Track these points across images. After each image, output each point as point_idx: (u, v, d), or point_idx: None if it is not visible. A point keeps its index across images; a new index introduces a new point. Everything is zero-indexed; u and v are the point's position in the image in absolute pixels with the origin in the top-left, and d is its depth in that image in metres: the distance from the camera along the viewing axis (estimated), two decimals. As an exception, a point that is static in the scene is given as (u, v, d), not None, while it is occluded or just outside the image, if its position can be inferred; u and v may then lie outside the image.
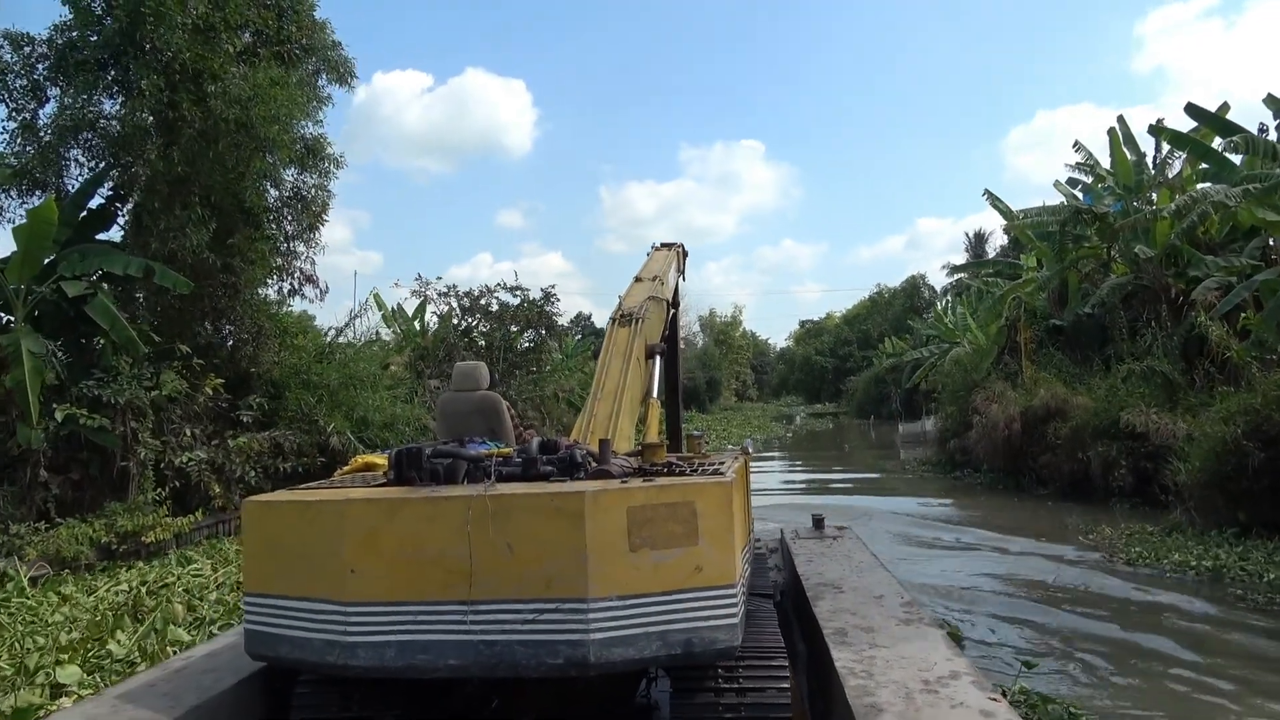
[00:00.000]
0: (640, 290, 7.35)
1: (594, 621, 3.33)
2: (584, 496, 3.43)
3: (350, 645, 3.48)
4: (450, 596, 3.44)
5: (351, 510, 3.59)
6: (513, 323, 22.72)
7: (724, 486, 3.58)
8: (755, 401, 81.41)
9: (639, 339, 6.39)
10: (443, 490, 3.71)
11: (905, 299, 61.56)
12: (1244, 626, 7.22)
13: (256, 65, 12.30)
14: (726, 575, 3.49)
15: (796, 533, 7.56)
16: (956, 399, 19.73)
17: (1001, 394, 16.79)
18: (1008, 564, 9.99)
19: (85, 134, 12.28)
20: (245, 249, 13.01)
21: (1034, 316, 19.31)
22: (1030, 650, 6.71)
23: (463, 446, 4.28)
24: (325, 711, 3.93)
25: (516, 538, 3.43)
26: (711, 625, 3.44)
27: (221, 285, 13.06)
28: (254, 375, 13.68)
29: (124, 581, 9.01)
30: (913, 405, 47.11)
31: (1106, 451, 13.58)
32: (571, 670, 3.36)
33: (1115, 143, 19.19)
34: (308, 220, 13.97)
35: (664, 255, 8.80)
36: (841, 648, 4.14)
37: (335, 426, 14.52)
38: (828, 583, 5.56)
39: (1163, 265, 18.01)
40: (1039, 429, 15.60)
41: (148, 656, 6.23)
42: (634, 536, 3.41)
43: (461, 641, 3.42)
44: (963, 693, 3.51)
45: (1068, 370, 17.08)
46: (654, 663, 3.54)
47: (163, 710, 3.76)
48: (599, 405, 5.68)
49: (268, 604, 3.79)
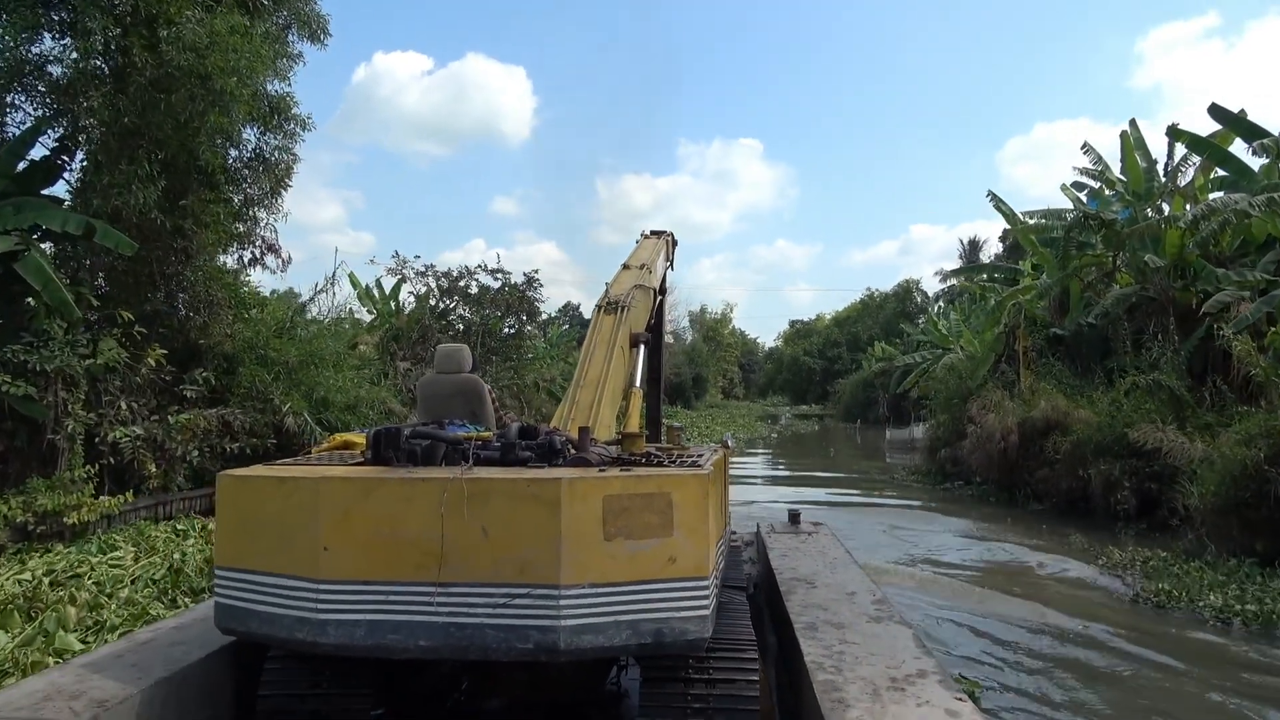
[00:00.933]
0: (627, 278, 7.34)
1: (565, 608, 3.33)
2: (560, 483, 3.42)
3: (320, 623, 3.46)
4: (423, 578, 3.43)
5: (327, 488, 3.56)
6: (493, 307, 21.80)
7: (701, 479, 3.58)
8: (741, 400, 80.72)
9: (624, 327, 6.41)
10: (419, 471, 3.69)
11: (897, 303, 60.94)
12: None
13: (216, 11, 11.30)
14: (700, 567, 3.50)
15: (773, 527, 7.54)
16: (950, 407, 18.97)
17: (999, 404, 16.02)
18: (1016, 606, 8.61)
19: (28, 77, 11.29)
20: (199, 211, 12.03)
21: (1034, 324, 18.54)
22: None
23: (442, 429, 4.22)
24: (294, 689, 3.89)
25: (491, 522, 3.42)
26: (683, 616, 3.46)
27: (172, 250, 12.10)
28: (204, 348, 12.71)
29: (28, 569, 8.08)
30: (901, 411, 46.53)
31: (1109, 470, 12.82)
32: (541, 656, 3.37)
33: (1127, 147, 18.46)
34: (270, 184, 13.00)
35: (653, 244, 8.69)
36: (811, 642, 4.18)
37: (291, 406, 13.60)
38: (800, 577, 5.61)
39: (1170, 276, 17.30)
40: (1037, 442, 14.84)
41: (20, 668, 5.33)
42: (609, 525, 3.42)
43: (432, 623, 3.41)
44: (929, 691, 3.53)
45: (1068, 381, 16.31)
46: (624, 651, 3.55)
47: (129, 681, 3.70)
48: (581, 393, 5.69)
49: (240, 578, 3.75)
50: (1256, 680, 6.27)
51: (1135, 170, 18.34)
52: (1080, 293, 19.15)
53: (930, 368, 29.22)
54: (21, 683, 3.98)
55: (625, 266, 7.75)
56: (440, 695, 4.50)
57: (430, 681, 4.42)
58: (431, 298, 21.91)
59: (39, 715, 3.37)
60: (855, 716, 3.29)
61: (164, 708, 3.75)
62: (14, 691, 3.69)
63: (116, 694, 3.58)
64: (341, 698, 3.90)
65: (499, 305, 21.68)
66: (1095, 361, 17.67)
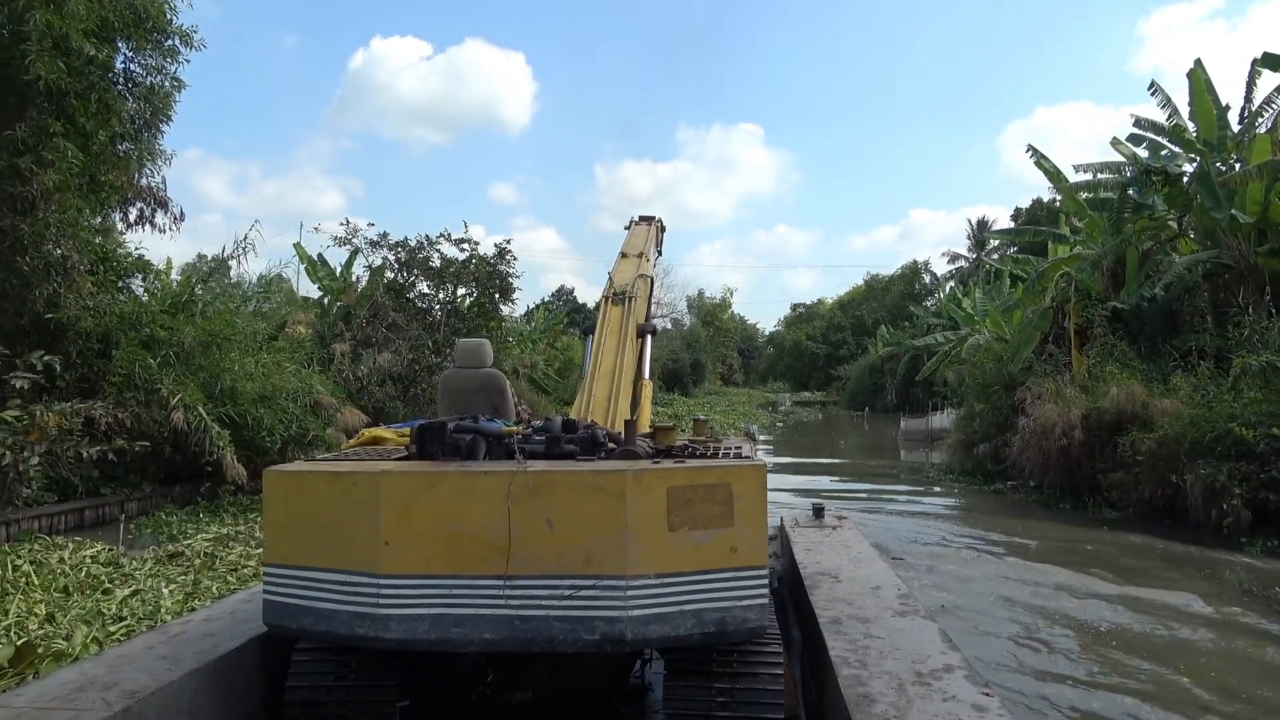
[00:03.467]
0: (629, 267, 7.49)
1: (632, 598, 3.37)
2: (626, 475, 3.47)
3: (383, 618, 3.46)
4: (487, 571, 3.44)
5: (388, 482, 3.54)
6: (457, 282, 19.00)
7: (759, 470, 3.66)
8: (741, 387, 78.04)
9: (631, 319, 6.51)
10: (480, 465, 3.71)
11: (904, 285, 58.17)
12: None
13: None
14: (759, 556, 3.57)
15: (796, 521, 7.47)
16: (988, 395, 16.19)
17: (1057, 392, 13.26)
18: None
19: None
20: (38, 145, 9.24)
21: (1088, 298, 15.76)
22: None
23: (477, 424, 4.09)
24: (322, 680, 3.86)
25: (556, 514, 3.45)
26: (744, 605, 3.50)
27: (5, 195, 9.32)
28: (52, 325, 9.92)
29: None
30: (910, 398, 43.83)
31: (1211, 475, 10.11)
32: (607, 646, 3.43)
33: (1197, 89, 15.60)
34: (144, 116, 10.20)
35: (645, 230, 8.74)
36: (836, 637, 4.14)
37: (184, 398, 10.87)
38: (825, 572, 5.55)
39: (1251, 240, 14.55)
40: (1108, 438, 12.12)
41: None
42: (673, 516, 3.45)
43: (497, 616, 3.43)
44: (955, 686, 3.50)
45: (1134, 365, 13.55)
46: (688, 641, 3.54)
47: (161, 672, 3.72)
48: (597, 385, 5.72)
49: (290, 575, 3.73)
50: None
51: (1207, 114, 15.51)
52: (1137, 262, 16.40)
53: (953, 351, 26.45)
54: (55, 674, 3.92)
55: (624, 255, 7.84)
56: (466, 687, 4.61)
57: (456, 674, 4.52)
58: (389, 271, 19.10)
59: (73, 705, 3.35)
60: (880, 711, 3.24)
61: (195, 698, 3.76)
62: (48, 682, 3.69)
63: (148, 685, 3.58)
64: (369, 689, 3.83)
65: (463, 279, 18.86)
66: (1162, 340, 14.95)
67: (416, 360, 17.60)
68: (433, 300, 19.18)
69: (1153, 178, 15.48)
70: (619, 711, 4.64)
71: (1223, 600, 7.68)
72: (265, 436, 11.93)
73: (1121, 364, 13.51)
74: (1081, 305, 15.61)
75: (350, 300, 18.04)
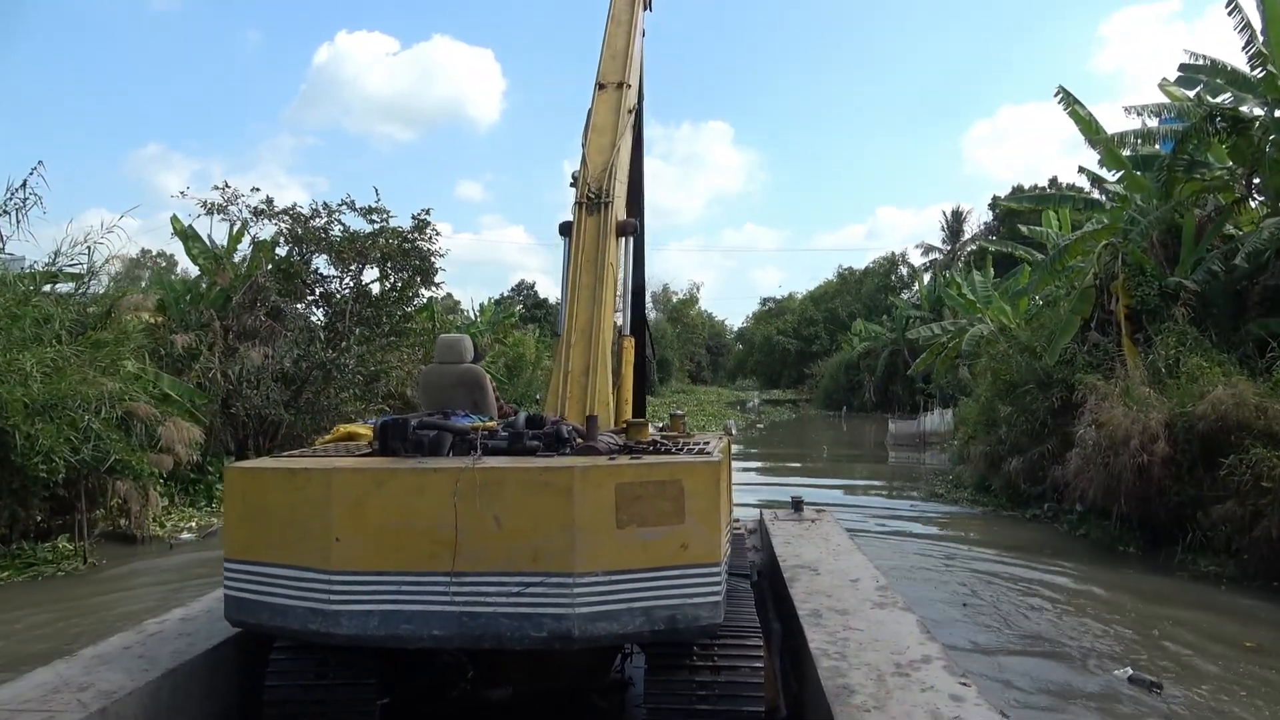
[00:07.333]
0: (606, 108, 6.34)
1: (579, 595, 3.35)
2: (573, 472, 3.45)
3: (334, 614, 3.44)
4: (436, 567, 3.42)
5: (339, 479, 3.54)
6: (363, 260, 15.46)
7: (712, 466, 3.61)
8: (709, 385, 74.94)
9: (610, 236, 5.55)
10: (431, 462, 3.68)
11: (881, 277, 55.35)
12: None
13: None
14: (711, 554, 3.52)
15: (776, 514, 7.44)
16: (1017, 396, 13.03)
17: (1125, 393, 10.09)
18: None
19: None
20: None
21: (1141, 274, 12.67)
22: None
23: (447, 419, 4.17)
24: (301, 679, 3.83)
25: (504, 511, 3.43)
26: (695, 602, 3.47)
27: None
28: None
29: None
30: (890, 396, 40.93)
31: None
32: (555, 643, 3.40)
33: (1273, 12, 12.58)
34: None
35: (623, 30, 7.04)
36: (816, 629, 4.18)
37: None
38: (804, 564, 5.55)
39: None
40: (1203, 455, 9.01)
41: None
42: (622, 513, 3.42)
43: (445, 613, 3.42)
44: (934, 677, 3.50)
45: (1217, 357, 10.46)
46: (637, 638, 3.60)
47: (137, 672, 3.69)
48: (574, 355, 5.18)
49: (249, 570, 3.70)
50: None
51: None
52: (1194, 230, 13.39)
53: (950, 344, 23.36)
54: (29, 675, 3.80)
55: (600, 86, 6.49)
56: (446, 685, 4.54)
57: (436, 671, 4.49)
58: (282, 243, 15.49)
59: (46, 707, 3.32)
60: (860, 702, 3.25)
61: (171, 699, 3.72)
62: (22, 684, 3.62)
63: (124, 685, 3.54)
64: (348, 688, 3.81)
65: (371, 258, 15.30)
66: (1235, 325, 11.94)
67: (306, 356, 14.07)
68: (334, 282, 15.64)
69: (1219, 123, 12.46)
70: (599, 706, 4.65)
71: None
72: (40, 464, 8.42)
73: (1204, 355, 10.42)
74: (1135, 283, 12.52)
75: (225, 281, 14.40)
